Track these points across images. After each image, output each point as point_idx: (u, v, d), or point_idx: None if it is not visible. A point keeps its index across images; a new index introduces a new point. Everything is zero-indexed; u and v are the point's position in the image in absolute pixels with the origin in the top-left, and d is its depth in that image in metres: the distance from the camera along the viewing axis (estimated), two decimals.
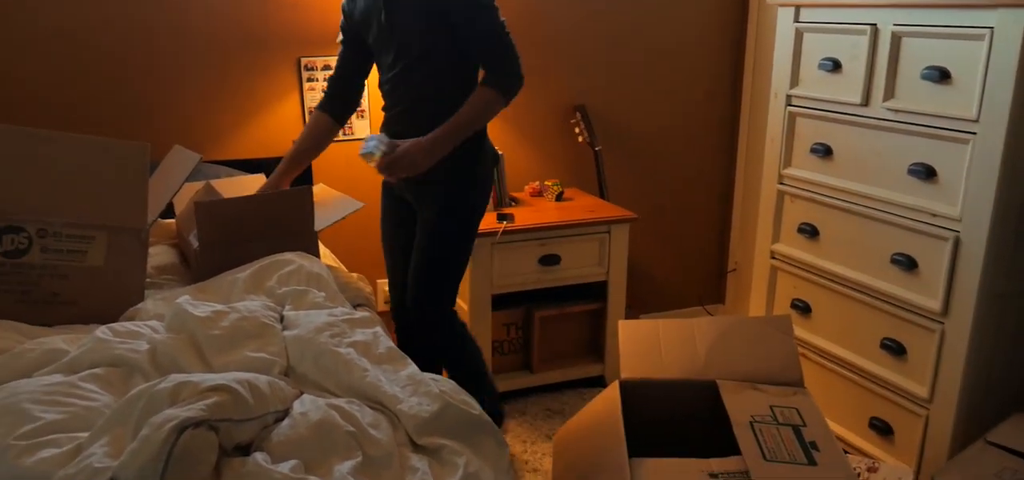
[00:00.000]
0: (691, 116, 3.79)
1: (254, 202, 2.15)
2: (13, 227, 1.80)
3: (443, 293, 2.40)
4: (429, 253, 2.36)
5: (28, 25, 2.73)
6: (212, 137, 3.03)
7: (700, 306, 4.07)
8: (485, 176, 2.43)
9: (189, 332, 1.69)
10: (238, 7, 2.95)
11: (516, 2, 3.34)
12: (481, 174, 2.40)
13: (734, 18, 3.73)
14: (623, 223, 3.16)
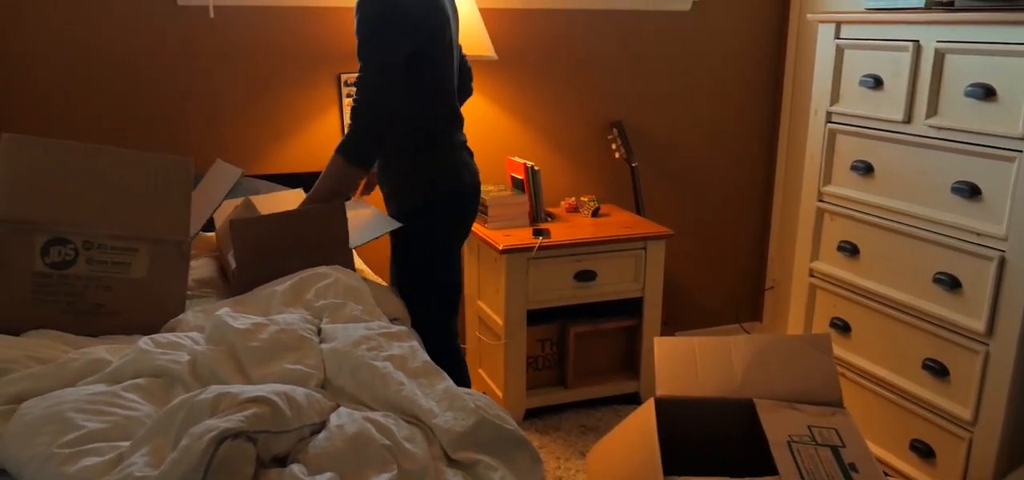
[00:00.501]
0: (729, 132, 3.77)
1: (289, 219, 2.18)
2: (60, 239, 1.83)
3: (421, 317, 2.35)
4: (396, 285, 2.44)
5: (83, 48, 2.80)
6: (253, 152, 3.07)
7: (737, 324, 4.03)
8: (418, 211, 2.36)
9: (229, 344, 1.71)
10: (280, 25, 2.99)
11: (552, 17, 3.35)
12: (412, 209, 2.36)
13: (773, 33, 3.71)
14: (659, 239, 3.15)
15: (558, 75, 3.43)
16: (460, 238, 2.47)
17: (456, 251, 2.48)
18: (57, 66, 2.80)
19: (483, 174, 3.34)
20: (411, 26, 2.16)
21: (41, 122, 2.82)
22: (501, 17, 3.25)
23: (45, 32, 2.77)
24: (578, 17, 3.39)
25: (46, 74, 2.80)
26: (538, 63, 3.39)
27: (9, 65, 2.75)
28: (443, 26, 2.28)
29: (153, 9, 2.85)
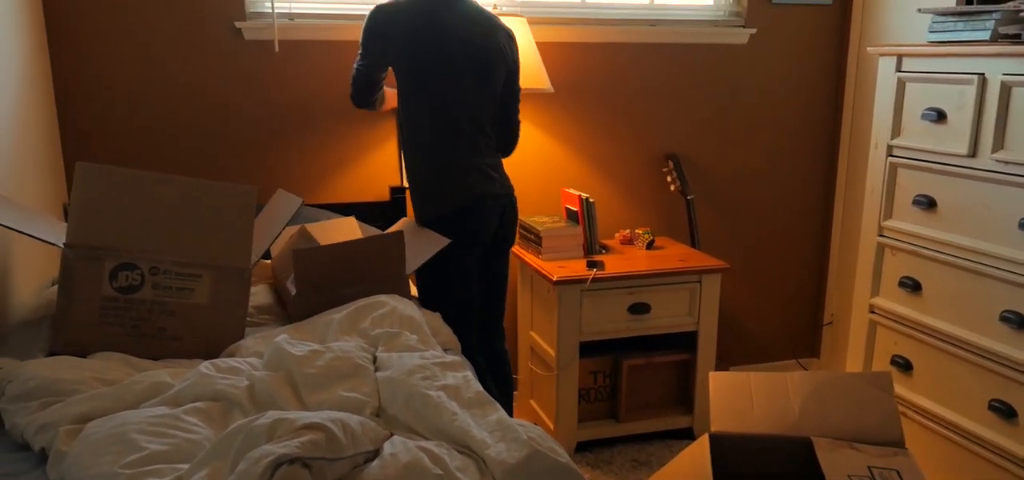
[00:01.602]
0: (786, 165, 3.73)
1: (348, 249, 2.21)
2: (128, 264, 1.89)
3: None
4: None
5: (154, 79, 2.90)
6: (313, 181, 3.14)
7: (793, 360, 3.96)
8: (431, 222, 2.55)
9: (286, 370, 1.74)
10: (340, 60, 3.06)
11: (608, 50, 3.36)
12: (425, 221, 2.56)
13: (831, 66, 3.67)
14: (715, 273, 3.12)
15: (613, 107, 3.44)
16: (464, 254, 2.56)
17: (463, 266, 2.58)
18: (129, 96, 2.90)
19: (537, 206, 3.36)
20: (383, 48, 2.51)
21: (112, 150, 2.92)
22: (557, 50, 3.28)
23: (118, 64, 2.87)
24: (634, 50, 3.40)
25: (118, 104, 2.90)
26: (594, 95, 3.40)
27: (83, 95, 2.86)
28: (429, 51, 2.46)
29: (222, 42, 2.95)
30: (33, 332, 1.98)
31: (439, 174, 2.54)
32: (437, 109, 2.51)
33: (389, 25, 2.48)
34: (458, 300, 2.60)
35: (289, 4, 3.00)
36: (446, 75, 2.48)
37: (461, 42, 2.48)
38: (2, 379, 1.69)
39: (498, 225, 2.63)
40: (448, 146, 2.53)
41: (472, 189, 2.54)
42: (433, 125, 2.52)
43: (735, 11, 3.54)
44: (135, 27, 2.86)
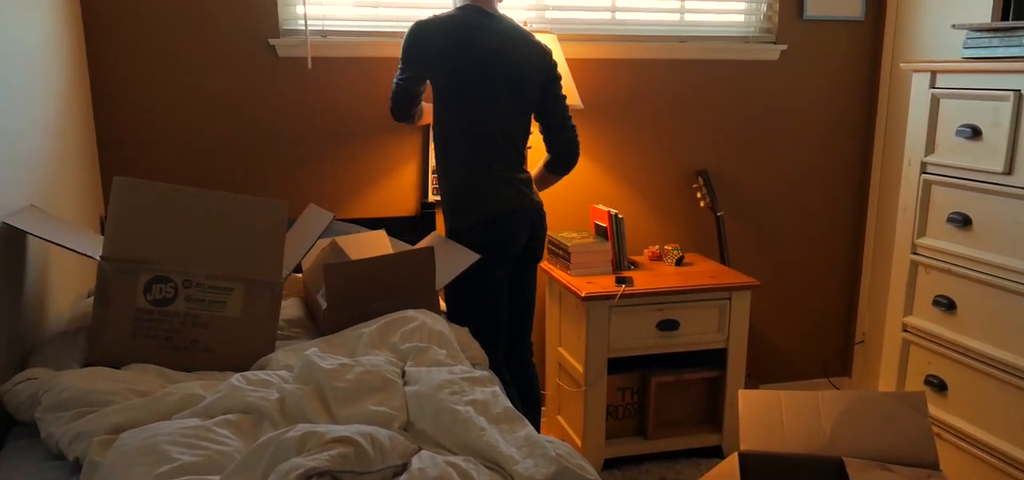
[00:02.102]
0: (817, 182, 3.70)
1: (379, 264, 2.23)
2: (161, 277, 1.92)
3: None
4: None
5: (189, 95, 2.95)
6: (344, 196, 3.16)
7: (824, 378, 3.92)
8: (455, 233, 2.60)
9: (316, 383, 1.75)
10: (371, 76, 3.09)
11: (638, 66, 3.36)
12: (455, 232, 2.61)
13: (863, 83, 3.64)
14: (745, 290, 3.10)
15: (643, 123, 3.43)
16: (493, 267, 2.58)
17: (492, 279, 2.60)
18: (165, 112, 2.95)
19: (566, 221, 3.36)
20: (422, 62, 2.57)
21: (148, 165, 2.96)
22: (586, 66, 3.28)
23: (154, 80, 2.92)
24: (663, 66, 3.40)
25: (154, 119, 2.95)
26: (623, 111, 3.40)
27: (120, 110, 2.91)
28: (466, 66, 2.52)
29: (256, 59, 2.99)
30: (69, 343, 2.01)
31: (471, 187, 2.58)
32: (471, 123, 2.55)
33: (428, 41, 2.54)
34: (486, 313, 2.62)
35: (322, 21, 3.03)
36: (481, 90, 2.53)
37: (496, 58, 2.53)
38: (38, 389, 1.72)
39: (528, 239, 2.66)
40: (481, 160, 2.56)
41: (503, 202, 2.57)
42: (467, 139, 2.56)
43: (766, 27, 3.52)
44: (172, 44, 2.91)
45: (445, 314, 2.51)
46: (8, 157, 2.00)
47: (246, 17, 2.95)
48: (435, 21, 2.55)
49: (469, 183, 2.58)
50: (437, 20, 2.55)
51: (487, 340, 2.49)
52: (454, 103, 2.56)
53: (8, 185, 1.99)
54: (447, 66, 2.53)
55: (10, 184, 2.00)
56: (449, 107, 2.57)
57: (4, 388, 1.76)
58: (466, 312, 2.59)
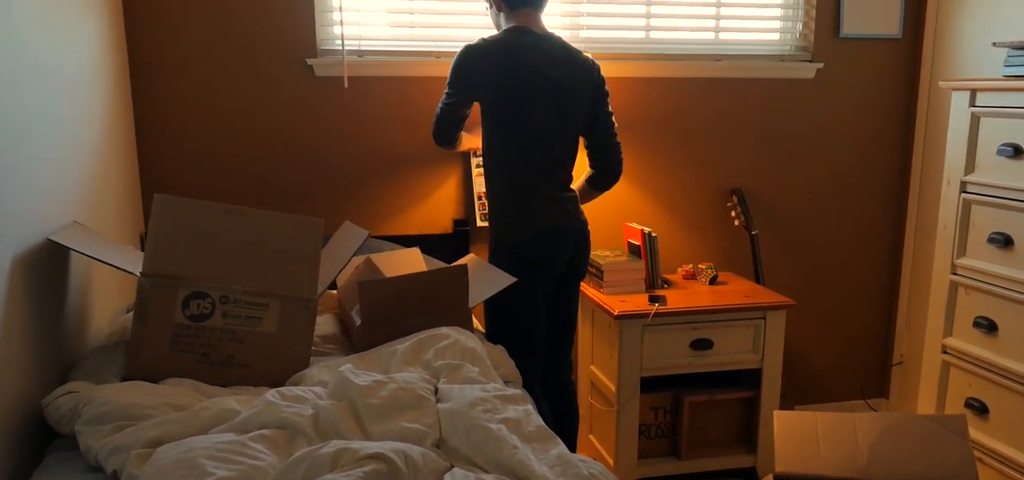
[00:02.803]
0: (854, 201, 3.66)
1: (413, 281, 2.24)
2: (199, 293, 1.95)
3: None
4: None
5: (228, 114, 3.00)
6: (379, 214, 3.19)
7: (861, 400, 3.86)
8: (501, 250, 2.63)
9: (350, 399, 1.76)
10: (407, 95, 3.12)
11: (672, 85, 3.35)
12: (496, 249, 2.64)
13: (901, 101, 3.60)
14: (780, 309, 3.07)
15: (677, 142, 3.42)
16: (534, 283, 2.60)
17: (532, 295, 2.61)
18: (204, 130, 3.00)
19: (600, 240, 3.36)
20: (472, 84, 2.60)
21: (187, 181, 3.01)
22: (620, 85, 3.28)
23: (194, 99, 2.97)
24: (698, 85, 3.39)
25: (194, 137, 3.00)
26: (657, 130, 3.39)
27: (161, 128, 2.96)
28: (516, 87, 2.55)
29: (293, 79, 3.03)
30: (109, 357, 2.05)
31: (518, 204, 2.60)
32: (520, 143, 2.58)
33: (479, 62, 2.58)
34: (526, 330, 2.64)
35: (359, 41, 3.07)
36: (530, 110, 2.56)
37: (545, 78, 2.56)
38: (78, 403, 1.75)
39: (570, 257, 2.67)
40: (529, 178, 2.60)
41: (548, 220, 2.60)
42: (516, 157, 2.59)
43: (802, 46, 3.50)
44: (212, 64, 2.96)
45: (481, 332, 2.52)
46: (53, 174, 2.05)
47: (285, 38, 3.00)
48: (484, 44, 2.59)
49: (517, 201, 2.60)
50: (487, 43, 2.59)
51: (524, 356, 2.51)
52: (503, 123, 2.59)
53: (52, 202, 2.03)
54: (497, 87, 2.56)
55: (54, 201, 2.05)
56: (498, 127, 2.60)
57: (46, 401, 1.79)
58: (507, 329, 2.61)
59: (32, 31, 1.97)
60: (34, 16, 1.99)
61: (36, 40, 1.99)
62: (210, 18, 2.94)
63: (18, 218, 1.82)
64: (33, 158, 1.93)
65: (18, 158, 1.84)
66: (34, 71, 1.97)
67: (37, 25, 2.01)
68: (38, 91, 1.99)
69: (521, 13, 2.62)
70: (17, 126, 1.84)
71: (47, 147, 2.02)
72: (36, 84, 1.98)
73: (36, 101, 1.97)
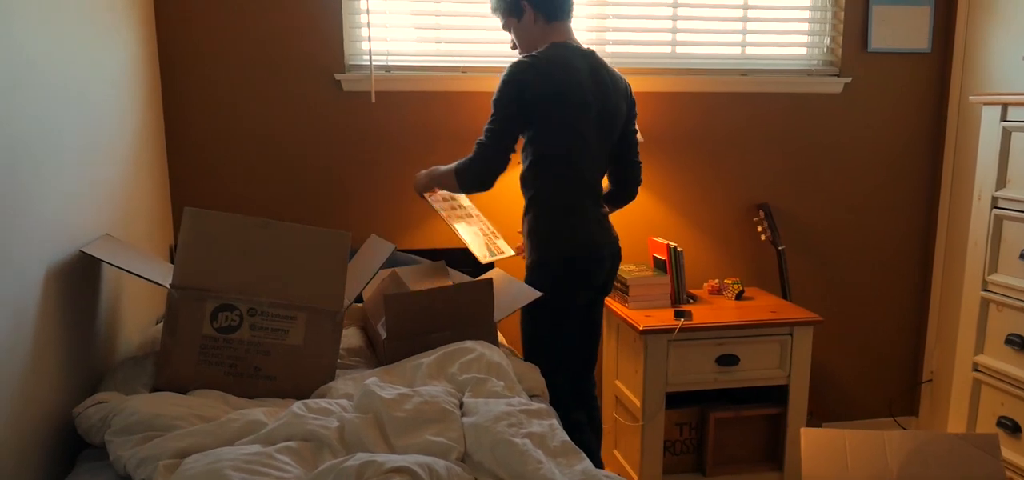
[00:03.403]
0: (883, 216, 3.62)
1: (438, 295, 2.25)
2: (228, 305, 1.97)
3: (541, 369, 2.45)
4: None
5: (256, 127, 3.04)
6: (405, 227, 3.21)
7: (890, 418, 3.81)
8: (532, 267, 2.58)
9: (375, 412, 1.77)
10: (432, 110, 3.14)
11: (698, 99, 3.35)
12: (540, 262, 2.56)
13: (930, 115, 3.57)
14: (807, 325, 3.04)
15: (703, 156, 3.41)
16: (574, 298, 2.59)
17: (572, 310, 2.60)
18: (233, 143, 3.04)
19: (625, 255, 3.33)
20: (526, 103, 2.46)
21: (216, 194, 3.05)
22: (646, 100, 3.28)
23: (224, 112, 3.01)
24: (724, 99, 3.38)
25: (223, 150, 3.04)
26: (683, 144, 3.38)
27: (191, 142, 3.00)
28: (569, 104, 2.48)
29: (322, 93, 3.06)
30: (138, 368, 2.07)
31: (566, 220, 2.55)
32: (568, 160, 2.53)
33: (535, 79, 2.46)
34: (564, 345, 2.62)
35: (386, 56, 3.10)
36: (579, 128, 2.51)
37: (595, 97, 2.52)
38: (108, 413, 1.77)
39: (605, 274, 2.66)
40: (575, 195, 2.56)
41: (591, 237, 2.58)
42: (564, 174, 2.54)
43: (829, 60, 3.48)
44: (242, 79, 3.00)
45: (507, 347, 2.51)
46: (86, 188, 2.08)
47: (314, 53, 3.03)
48: (539, 61, 2.47)
49: (564, 218, 2.55)
50: (541, 60, 2.47)
51: (563, 372, 2.52)
52: (553, 140, 2.51)
53: (85, 215, 2.06)
54: (555, 104, 2.47)
55: (87, 214, 2.08)
56: (547, 144, 2.52)
57: (77, 410, 1.82)
58: (546, 344, 2.59)
59: (67, 46, 2.01)
60: (69, 32, 2.03)
61: (71, 55, 2.03)
62: (241, 34, 2.98)
63: (52, 230, 1.86)
64: (67, 171, 1.96)
65: (52, 171, 1.87)
66: (68, 86, 2.01)
67: (72, 40, 2.04)
68: (72, 105, 2.02)
69: (561, 27, 2.57)
70: (52, 140, 1.88)
71: (80, 160, 2.06)
72: (70, 98, 2.01)
73: (70, 115, 2.00)
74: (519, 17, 2.58)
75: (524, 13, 2.56)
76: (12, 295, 1.66)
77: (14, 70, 1.70)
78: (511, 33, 2.65)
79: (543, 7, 2.55)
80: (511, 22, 2.61)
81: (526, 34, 2.60)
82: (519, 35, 2.62)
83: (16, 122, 1.69)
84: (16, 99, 1.70)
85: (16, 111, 1.70)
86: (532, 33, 2.58)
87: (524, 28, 2.59)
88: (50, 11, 1.91)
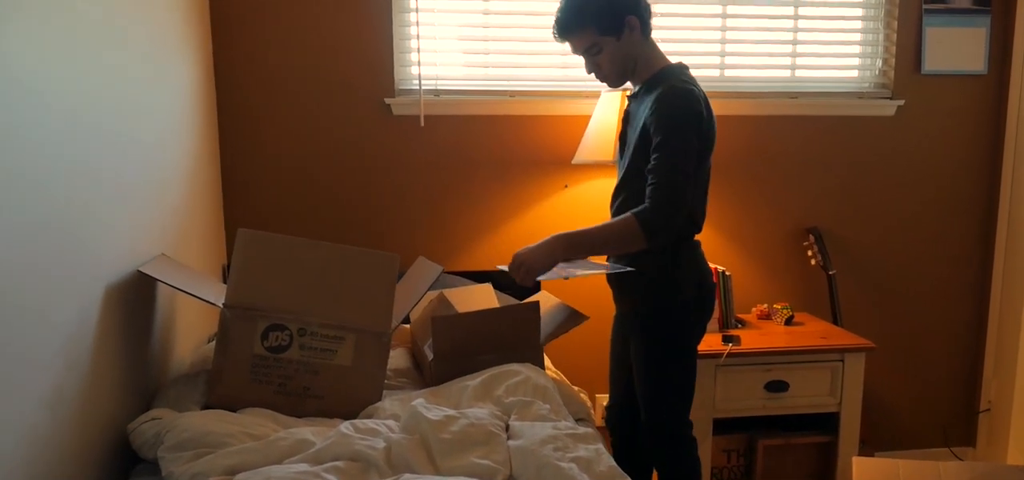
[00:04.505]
0: (938, 240, 3.55)
1: (485, 317, 2.26)
2: (278, 325, 2.00)
3: (663, 414, 2.36)
4: (641, 382, 2.37)
5: (308, 151, 3.09)
6: (452, 249, 3.23)
7: (946, 448, 3.72)
8: (686, 305, 2.31)
9: (422, 433, 1.78)
10: (480, 133, 3.17)
11: (746, 122, 3.32)
12: (680, 303, 2.29)
13: (988, 137, 3.49)
14: (859, 351, 2.99)
15: (751, 180, 3.38)
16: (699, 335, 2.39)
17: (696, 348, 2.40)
18: (285, 166, 3.10)
19: None
20: (701, 131, 2.17)
21: (269, 216, 3.11)
22: None
23: (277, 137, 3.07)
24: (773, 122, 3.35)
25: (276, 173, 3.10)
26: (731, 167, 3.36)
27: (245, 165, 3.07)
28: (713, 135, 2.26)
29: (372, 117, 3.11)
30: (190, 385, 2.11)
31: (700, 260, 2.35)
32: (699, 195, 2.30)
33: (706, 114, 2.19)
34: (692, 378, 2.40)
35: (435, 81, 3.13)
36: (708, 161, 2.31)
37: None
38: (162, 429, 1.81)
39: None
40: (695, 232, 2.34)
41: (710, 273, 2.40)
42: (695, 212, 2.29)
43: (881, 83, 3.43)
44: (295, 103, 3.06)
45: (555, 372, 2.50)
46: (144, 209, 2.14)
47: (365, 78, 3.08)
48: (698, 90, 2.20)
49: (698, 256, 2.33)
50: (698, 88, 2.20)
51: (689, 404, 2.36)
52: (702, 175, 2.28)
53: (143, 236, 2.12)
54: (710, 141, 2.24)
55: (144, 235, 2.13)
56: (697, 179, 2.25)
57: (131, 426, 1.86)
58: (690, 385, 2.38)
59: (131, 71, 2.07)
60: (132, 58, 2.09)
61: (134, 80, 2.09)
62: (294, 59, 3.04)
63: (111, 250, 1.91)
64: (126, 193, 2.01)
65: (113, 193, 1.93)
66: (131, 110, 2.06)
67: (135, 65, 2.11)
68: (134, 129, 2.08)
69: (654, 43, 2.30)
70: (114, 163, 1.94)
71: (140, 183, 2.11)
72: (133, 122, 2.07)
73: (132, 139, 2.06)
74: (618, 34, 2.20)
75: (624, 29, 2.20)
76: (73, 313, 1.70)
77: (79, 94, 1.75)
78: (595, 57, 2.27)
79: (644, 20, 2.22)
80: (605, 42, 2.22)
81: (626, 52, 2.24)
82: (616, 55, 2.24)
83: (80, 145, 1.75)
84: (80, 122, 1.75)
85: (80, 134, 1.75)
86: (634, 50, 2.24)
87: (624, 47, 2.23)
88: (115, 37, 1.97)
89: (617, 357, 2.56)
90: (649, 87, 2.24)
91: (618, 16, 2.18)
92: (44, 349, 1.58)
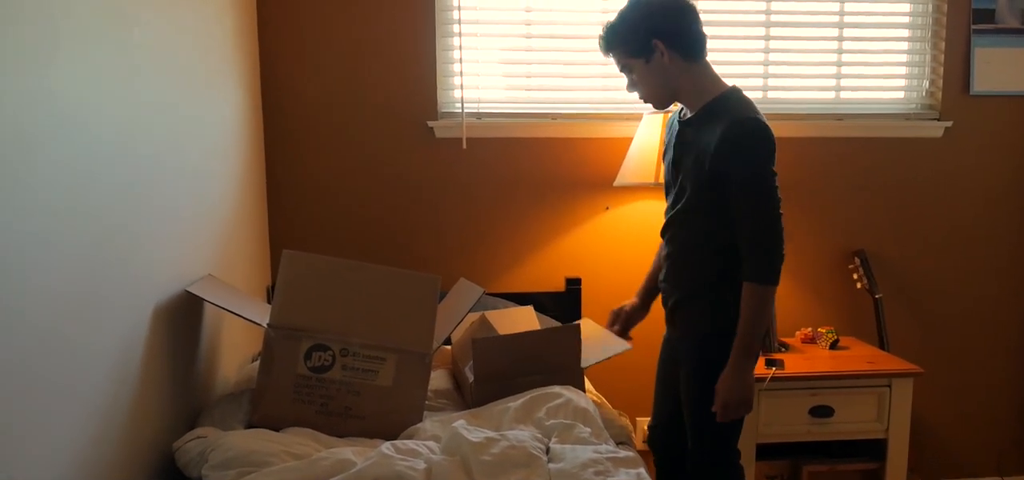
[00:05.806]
0: (987, 263, 3.47)
1: (526, 339, 2.26)
2: (321, 345, 2.02)
3: (711, 442, 2.32)
4: (690, 407, 2.33)
5: (352, 173, 3.14)
6: (494, 271, 3.24)
7: (998, 477, 3.62)
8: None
9: (462, 455, 1.78)
10: (521, 156, 3.19)
11: (790, 144, 3.29)
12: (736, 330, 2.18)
13: None
14: (907, 377, 2.93)
15: (796, 202, 3.34)
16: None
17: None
18: (330, 189, 3.14)
19: None
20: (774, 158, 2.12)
21: (313, 237, 3.15)
22: None
23: (321, 160, 3.12)
24: (818, 144, 3.31)
25: (320, 195, 3.14)
26: None
27: (290, 186, 3.12)
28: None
29: (415, 140, 3.14)
30: (234, 405, 2.14)
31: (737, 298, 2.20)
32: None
33: (775, 146, 2.13)
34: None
35: (478, 104, 3.16)
36: None
37: None
38: (206, 447, 1.83)
39: None
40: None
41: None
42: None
43: (929, 104, 3.38)
44: (339, 128, 3.11)
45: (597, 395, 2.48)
46: (192, 231, 2.18)
47: (409, 101, 3.12)
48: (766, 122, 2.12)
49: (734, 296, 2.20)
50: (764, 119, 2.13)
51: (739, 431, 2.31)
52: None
53: (190, 256, 2.16)
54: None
55: (192, 255, 2.18)
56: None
57: (177, 445, 1.89)
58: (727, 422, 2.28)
59: (181, 94, 2.12)
60: (183, 81, 2.14)
61: (184, 104, 2.14)
62: (339, 85, 3.09)
63: (160, 270, 1.95)
64: (175, 215, 2.06)
65: (162, 213, 1.97)
66: (181, 133, 2.11)
67: (186, 89, 2.16)
68: (184, 151, 2.13)
69: (707, 67, 2.23)
70: (163, 188, 1.98)
71: (189, 205, 2.16)
72: (182, 148, 2.12)
73: (181, 161, 2.11)
74: (647, 57, 2.17)
75: (654, 53, 2.15)
76: (123, 331, 1.74)
77: (131, 118, 1.80)
78: (630, 76, 2.26)
79: (681, 44, 2.16)
80: (635, 64, 2.20)
81: (657, 76, 2.20)
82: (647, 78, 2.21)
83: (131, 168, 1.79)
84: (132, 145, 1.80)
85: (131, 157, 1.80)
86: (668, 74, 2.18)
87: (655, 70, 2.18)
88: (167, 61, 2.02)
89: (664, 379, 2.53)
90: (709, 115, 2.17)
91: (643, 40, 2.15)
92: (96, 367, 1.62)
